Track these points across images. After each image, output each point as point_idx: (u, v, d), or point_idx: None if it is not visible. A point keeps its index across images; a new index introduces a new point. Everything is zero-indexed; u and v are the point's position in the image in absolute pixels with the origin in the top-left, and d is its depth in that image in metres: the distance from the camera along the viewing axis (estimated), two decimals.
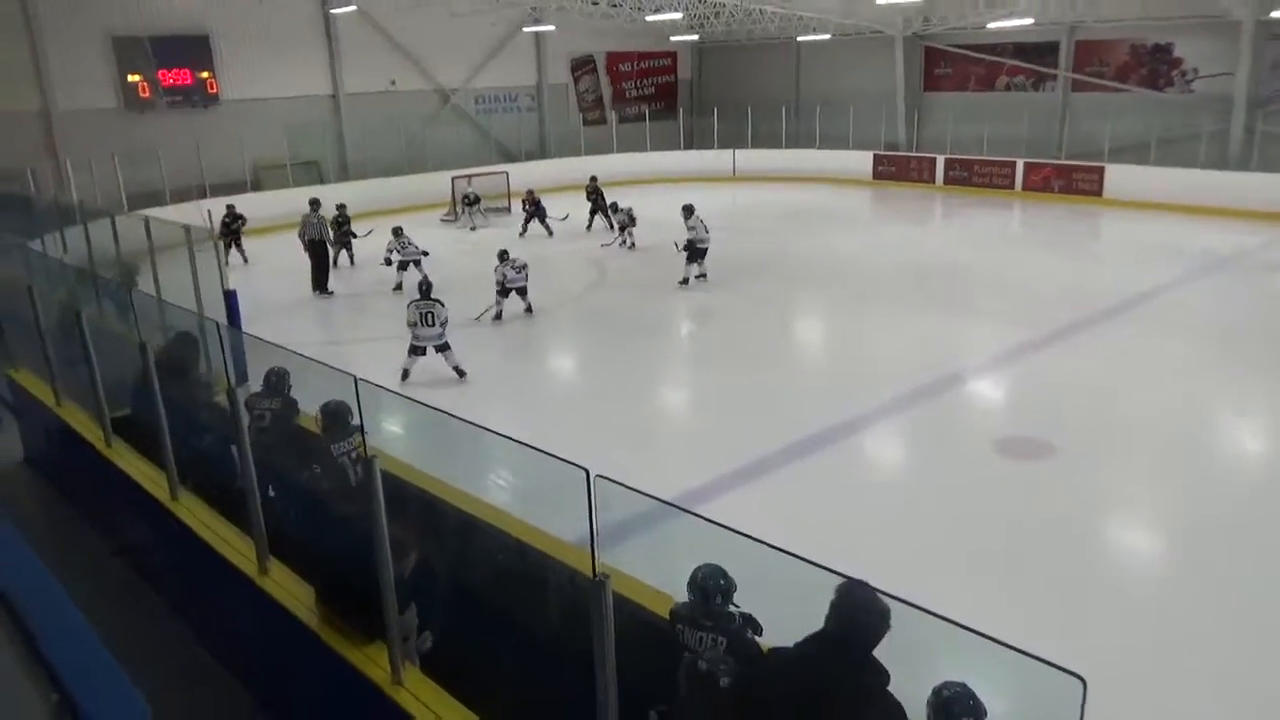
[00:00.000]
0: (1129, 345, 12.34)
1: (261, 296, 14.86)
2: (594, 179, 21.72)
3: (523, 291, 13.98)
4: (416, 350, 11.24)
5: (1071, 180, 24.12)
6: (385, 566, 3.83)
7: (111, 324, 8.38)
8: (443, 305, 11.20)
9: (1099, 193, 23.50)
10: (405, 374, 11.19)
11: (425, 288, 11.50)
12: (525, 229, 20.19)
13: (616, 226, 19.42)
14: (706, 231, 15.46)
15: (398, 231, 16.22)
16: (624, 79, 33.73)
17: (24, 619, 4.90)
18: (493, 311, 13.84)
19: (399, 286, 15.69)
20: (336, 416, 5.63)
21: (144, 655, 5.12)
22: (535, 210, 20.32)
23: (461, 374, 11.27)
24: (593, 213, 21.11)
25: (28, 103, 20.97)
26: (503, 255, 13.99)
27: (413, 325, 11.16)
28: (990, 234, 21.30)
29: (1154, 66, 24.78)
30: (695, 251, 15.43)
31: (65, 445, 7.82)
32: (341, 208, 17.78)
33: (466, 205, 23.13)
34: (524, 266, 13.97)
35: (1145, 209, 21.95)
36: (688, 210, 15.58)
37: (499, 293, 13.85)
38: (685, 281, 15.56)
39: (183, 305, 8.58)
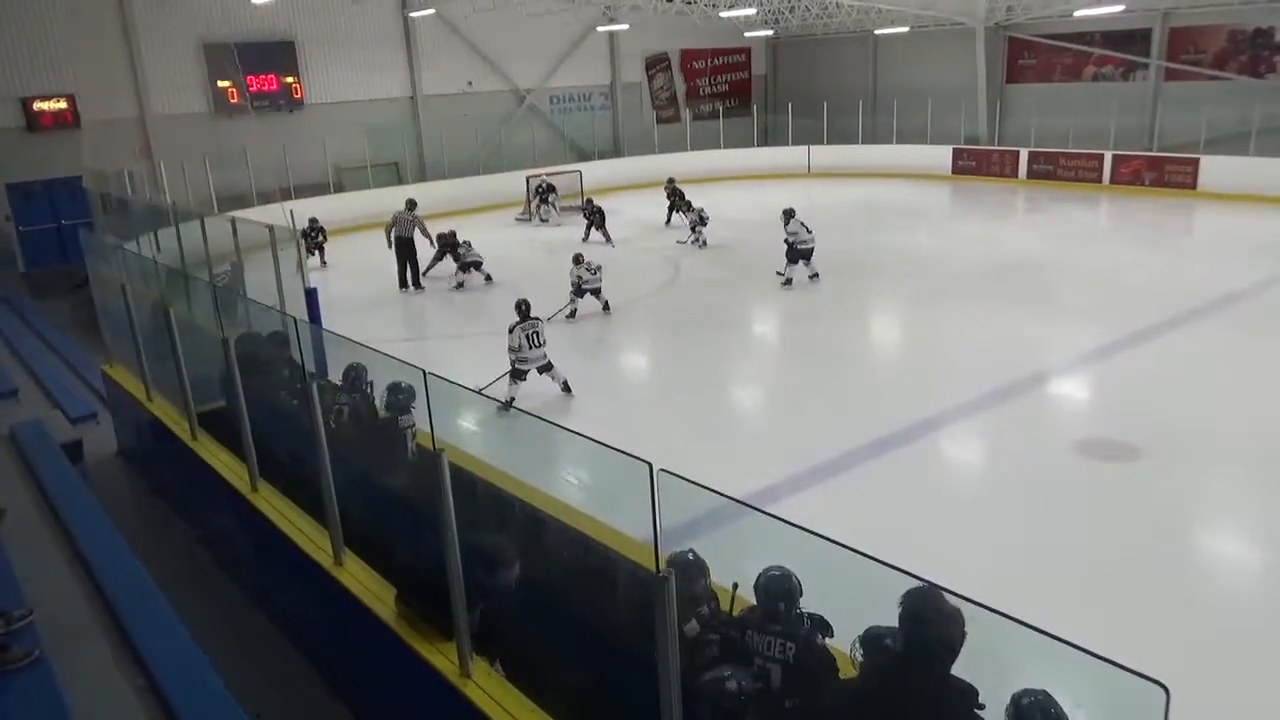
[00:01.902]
0: (1222, 346, 11.79)
1: (345, 294, 15.22)
2: (671, 180, 21.62)
3: (597, 292, 14.11)
4: (519, 375, 10.44)
5: (1163, 173, 23.17)
6: (454, 559, 3.87)
7: (199, 321, 8.68)
8: (543, 322, 10.81)
9: (1193, 185, 22.51)
10: (510, 402, 10.04)
11: (525, 306, 10.65)
12: (588, 235, 19.97)
13: (688, 225, 19.39)
14: (809, 233, 15.33)
15: (465, 243, 17.05)
16: (698, 76, 33.61)
17: (114, 606, 5.12)
18: (567, 310, 13.97)
19: (460, 285, 16.73)
20: (399, 394, 5.99)
21: (224, 640, 5.29)
22: (594, 217, 20.21)
23: (568, 390, 10.72)
24: (671, 209, 21.06)
25: (126, 109, 21.92)
26: (578, 259, 14.15)
27: (517, 350, 10.38)
28: (1076, 229, 20.57)
29: (1254, 53, 23.63)
30: (797, 253, 15.31)
31: (155, 438, 8.12)
32: (452, 233, 17.62)
33: (539, 197, 23.30)
34: (599, 269, 14.14)
35: (1243, 202, 20.95)
36: (787, 215, 15.43)
37: (574, 293, 13.99)
38: (789, 282, 15.35)
39: (267, 303, 8.85)
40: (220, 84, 23.14)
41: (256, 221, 10.20)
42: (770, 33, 31.76)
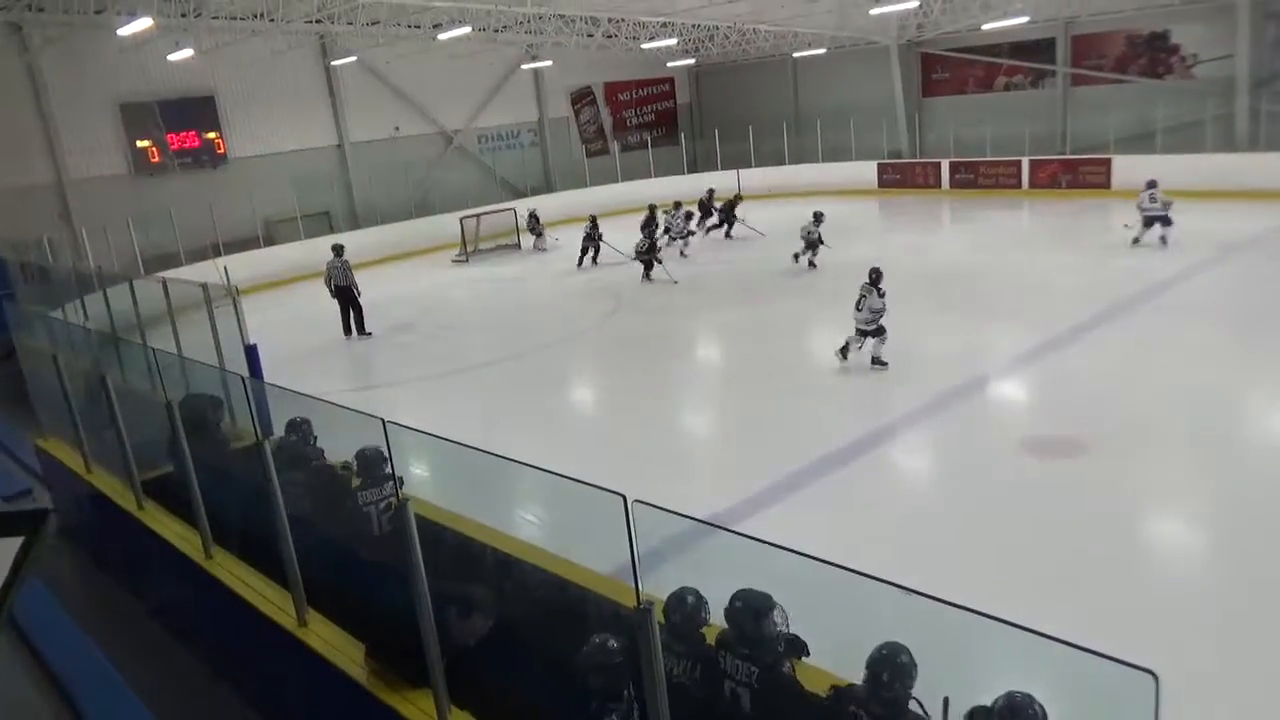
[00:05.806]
0: (1151, 337, 12.22)
1: (287, 347, 14.78)
2: (593, 218, 21.52)
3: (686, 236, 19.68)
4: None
5: (1078, 174, 24.05)
6: (425, 611, 3.81)
7: (136, 386, 8.45)
8: (879, 294, 11.47)
9: (1107, 185, 23.39)
10: (842, 351, 11.80)
11: (873, 275, 11.74)
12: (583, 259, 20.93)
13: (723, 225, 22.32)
14: (1154, 202, 16.82)
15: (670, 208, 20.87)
16: (624, 108, 33.98)
17: (69, 693, 4.91)
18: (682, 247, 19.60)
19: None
20: (368, 465, 5.71)
21: (188, 717, 5.12)
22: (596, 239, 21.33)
23: (880, 363, 11.63)
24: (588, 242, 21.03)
25: (42, 175, 21.32)
26: (705, 203, 20.24)
27: None
28: (1001, 234, 21.20)
29: (1152, 55, 24.73)
30: (1152, 219, 16.95)
31: (97, 511, 7.85)
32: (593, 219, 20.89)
33: (533, 228, 24.09)
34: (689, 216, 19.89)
35: None
36: (1152, 184, 16.90)
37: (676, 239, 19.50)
38: (1163, 240, 16.85)
39: (207, 362, 8.66)
40: (140, 144, 22.67)
41: (189, 281, 10.01)
42: (692, 61, 32.28)
